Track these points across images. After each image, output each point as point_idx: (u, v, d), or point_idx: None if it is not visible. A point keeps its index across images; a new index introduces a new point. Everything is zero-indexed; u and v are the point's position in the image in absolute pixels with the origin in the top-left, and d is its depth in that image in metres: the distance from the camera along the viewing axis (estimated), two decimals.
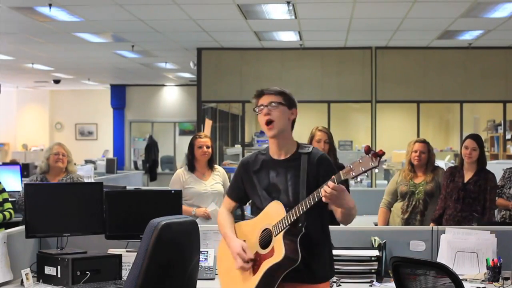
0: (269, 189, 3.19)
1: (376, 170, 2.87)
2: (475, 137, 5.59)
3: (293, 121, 3.27)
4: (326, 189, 2.89)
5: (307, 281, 3.12)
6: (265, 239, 3.11)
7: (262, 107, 3.18)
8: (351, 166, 2.86)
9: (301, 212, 2.99)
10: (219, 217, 3.38)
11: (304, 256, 3.02)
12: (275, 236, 3.04)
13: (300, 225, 3.03)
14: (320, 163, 3.16)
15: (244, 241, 3.20)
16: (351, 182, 2.94)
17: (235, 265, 3.16)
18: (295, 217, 3.00)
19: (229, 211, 3.39)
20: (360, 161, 2.84)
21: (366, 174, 2.87)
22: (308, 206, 2.97)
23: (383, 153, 2.83)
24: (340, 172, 2.90)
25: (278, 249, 3.01)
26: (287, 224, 3.01)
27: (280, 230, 3.02)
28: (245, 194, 3.34)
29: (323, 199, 2.91)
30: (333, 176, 2.92)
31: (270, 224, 3.08)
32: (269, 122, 3.17)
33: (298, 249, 3.00)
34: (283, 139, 3.21)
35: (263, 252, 3.09)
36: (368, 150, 2.82)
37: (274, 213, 3.08)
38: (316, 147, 3.28)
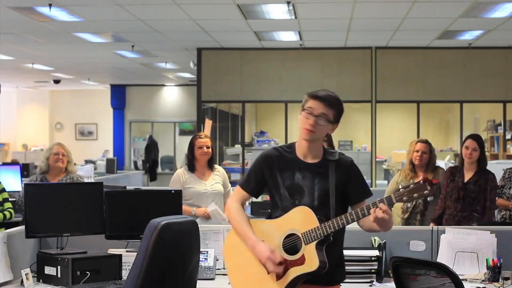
0: (292, 189, 3.12)
1: (431, 198, 2.96)
2: (476, 137, 5.59)
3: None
4: (378, 212, 2.88)
5: (323, 283, 3.09)
6: (291, 245, 3.05)
7: (310, 113, 3.09)
8: (404, 191, 2.89)
9: (341, 226, 2.97)
10: (232, 211, 3.24)
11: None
12: (306, 244, 2.99)
13: (331, 234, 3.02)
14: (349, 171, 3.14)
15: (263, 241, 3.12)
16: None
17: (263, 269, 3.07)
18: (332, 229, 2.97)
19: (241, 205, 3.27)
20: (413, 186, 2.89)
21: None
22: (350, 222, 2.96)
23: (438, 182, 2.92)
24: (392, 195, 2.92)
25: (311, 259, 2.97)
26: (322, 235, 2.98)
27: (314, 239, 2.98)
28: (261, 187, 3.25)
29: (371, 219, 2.90)
30: (383, 198, 2.92)
31: (299, 231, 3.02)
32: (309, 131, 3.10)
33: (325, 257, 3.00)
34: (314, 144, 3.15)
35: (290, 258, 3.03)
36: (425, 179, 2.89)
37: (304, 219, 3.02)
38: (342, 153, 3.23)
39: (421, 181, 2.88)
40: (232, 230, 3.24)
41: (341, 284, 3.19)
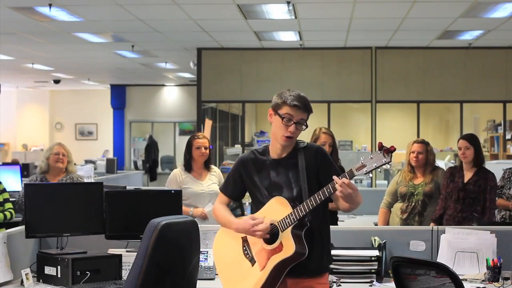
0: (270, 188, 3.22)
1: (388, 166, 2.95)
2: (466, 137, 5.63)
3: None
4: (342, 185, 2.92)
5: (307, 274, 3.15)
6: (269, 235, 3.13)
7: (290, 120, 3.14)
8: (363, 162, 2.94)
9: (311, 208, 3.03)
10: (215, 210, 3.41)
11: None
12: (282, 232, 3.08)
13: (306, 219, 3.08)
14: (317, 155, 3.22)
15: (246, 237, 3.23)
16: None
17: (248, 263, 3.18)
18: (304, 213, 3.04)
19: (225, 205, 3.41)
20: (372, 157, 2.92)
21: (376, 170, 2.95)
22: (318, 202, 3.02)
23: (395, 149, 2.95)
24: (352, 168, 2.96)
25: (288, 244, 3.05)
26: (296, 220, 3.05)
27: (288, 225, 3.07)
28: (241, 191, 3.37)
29: (338, 194, 2.95)
30: (345, 173, 2.98)
31: (275, 220, 3.11)
32: (289, 138, 3.18)
33: (304, 242, 3.06)
34: (290, 145, 3.25)
35: (269, 247, 3.12)
36: (381, 146, 2.91)
37: (279, 208, 3.11)
38: (311, 143, 3.36)
39: (379, 152, 2.92)
40: (217, 235, 3.39)
41: (323, 274, 3.23)
